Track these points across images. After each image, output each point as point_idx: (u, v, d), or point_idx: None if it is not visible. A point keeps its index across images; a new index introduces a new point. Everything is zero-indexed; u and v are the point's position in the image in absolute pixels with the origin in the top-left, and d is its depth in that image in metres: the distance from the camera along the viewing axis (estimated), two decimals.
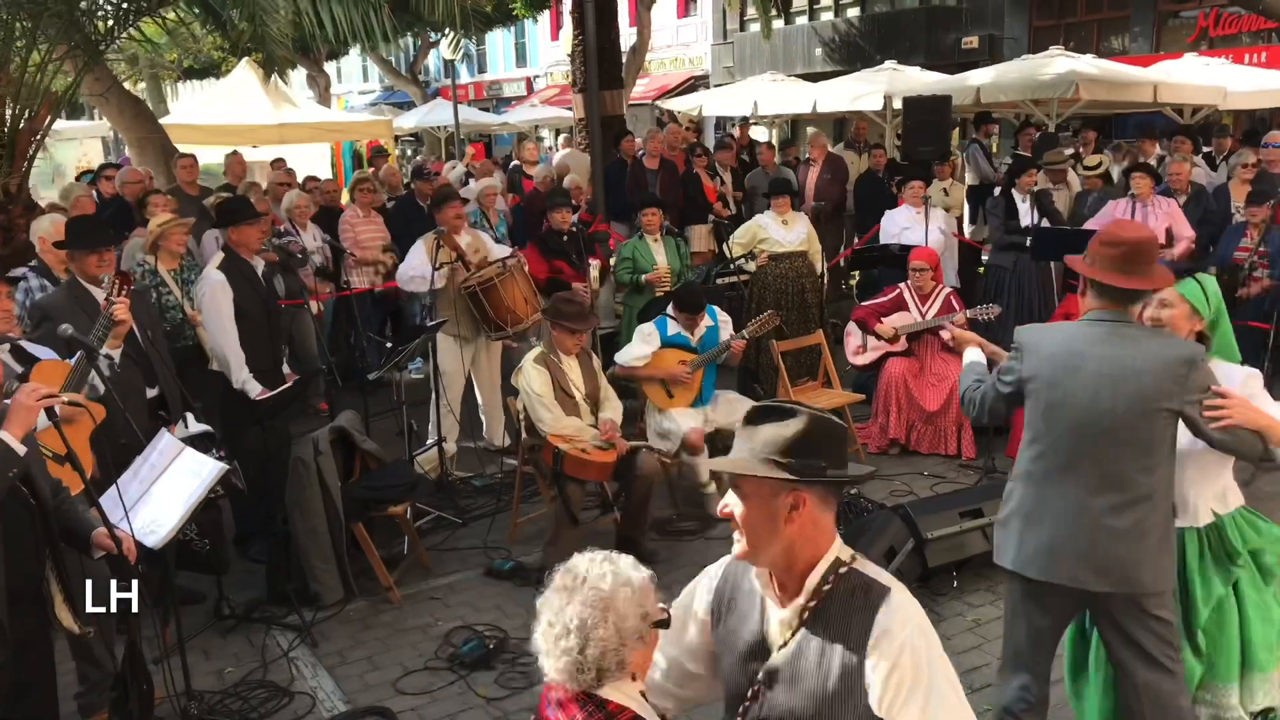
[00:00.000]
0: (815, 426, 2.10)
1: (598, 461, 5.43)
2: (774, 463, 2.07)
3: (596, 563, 2.08)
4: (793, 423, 2.09)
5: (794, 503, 2.08)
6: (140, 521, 3.64)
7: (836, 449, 2.13)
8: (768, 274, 7.89)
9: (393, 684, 4.54)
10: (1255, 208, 7.76)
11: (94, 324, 4.33)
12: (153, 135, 11.55)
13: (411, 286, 6.95)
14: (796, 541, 2.10)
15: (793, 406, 2.14)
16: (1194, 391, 2.99)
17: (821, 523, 2.12)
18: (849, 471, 2.19)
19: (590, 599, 2.01)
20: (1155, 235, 3.09)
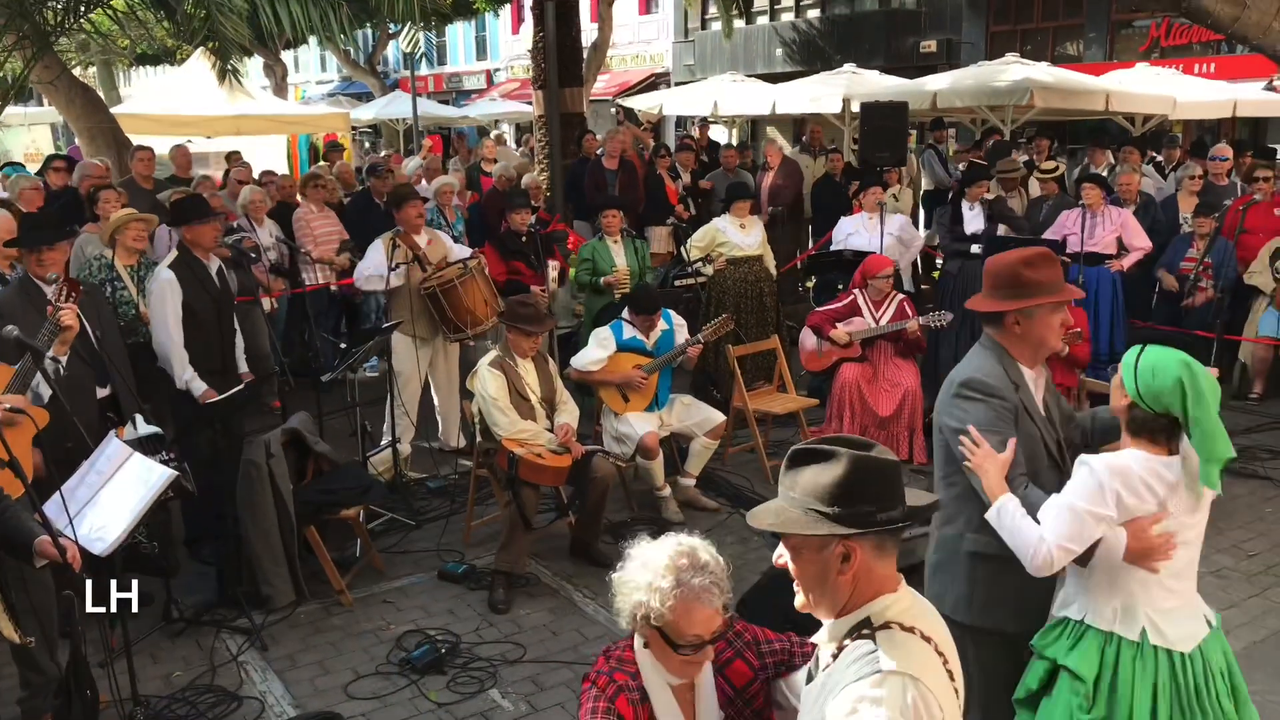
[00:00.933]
0: (858, 468, 1.94)
1: (553, 466, 5.44)
2: (817, 513, 1.94)
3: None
4: (833, 466, 1.95)
5: (845, 553, 1.94)
6: (86, 527, 3.59)
7: (886, 489, 1.96)
8: (726, 278, 7.92)
9: (344, 688, 4.52)
10: (1202, 219, 7.94)
11: (41, 322, 4.27)
12: (104, 125, 11.35)
13: (368, 286, 6.90)
14: (853, 592, 1.98)
15: (832, 449, 1.97)
16: (950, 410, 2.99)
17: (877, 571, 1.97)
18: (908, 505, 1.99)
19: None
20: (1018, 258, 3.03)
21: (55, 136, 22.41)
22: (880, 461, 1.96)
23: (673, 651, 2.18)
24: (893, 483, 1.97)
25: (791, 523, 1.96)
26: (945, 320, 7.01)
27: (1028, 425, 2.99)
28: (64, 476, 3.77)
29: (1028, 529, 2.75)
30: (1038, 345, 3.04)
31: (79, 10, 8.53)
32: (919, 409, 7.03)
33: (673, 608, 2.15)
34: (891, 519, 1.94)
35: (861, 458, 1.95)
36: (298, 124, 14.98)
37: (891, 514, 1.94)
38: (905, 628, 1.96)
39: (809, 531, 1.94)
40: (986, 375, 2.98)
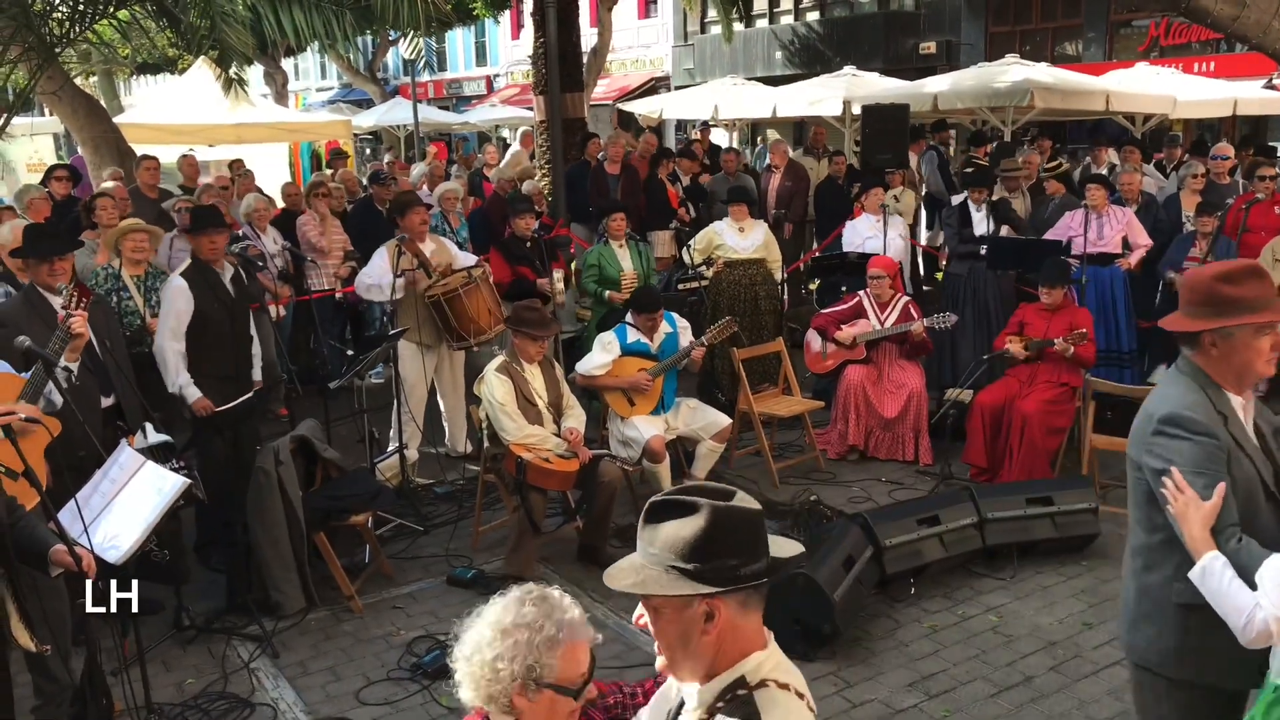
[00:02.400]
0: (719, 521, 1.80)
1: (560, 470, 5.46)
2: (678, 571, 1.80)
3: (537, 599, 2.04)
4: (693, 520, 1.80)
5: (708, 612, 1.81)
6: (100, 536, 3.61)
7: (748, 541, 1.83)
8: (723, 281, 7.94)
9: (355, 694, 4.53)
10: (1205, 218, 7.94)
11: (50, 333, 4.28)
12: (107, 134, 11.37)
13: (369, 295, 6.90)
14: (718, 652, 1.85)
15: (693, 500, 1.82)
16: (1150, 448, 2.72)
17: (743, 629, 1.84)
18: (772, 556, 1.86)
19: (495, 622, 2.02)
20: (1215, 271, 2.67)
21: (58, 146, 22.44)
22: (742, 511, 1.82)
23: (569, 701, 2.04)
24: (756, 534, 1.84)
25: (650, 582, 1.82)
26: (950, 322, 7.03)
27: (1242, 464, 2.62)
28: (77, 485, 3.78)
29: (1238, 595, 2.42)
30: (1241, 371, 2.66)
31: (84, 21, 8.55)
32: (924, 410, 7.05)
33: (562, 654, 2.01)
34: (756, 573, 1.81)
35: (722, 509, 1.80)
36: (299, 131, 15.01)
37: (755, 567, 1.81)
38: (780, 684, 1.85)
39: (669, 592, 1.80)
40: (1189, 409, 2.64)
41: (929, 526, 5.30)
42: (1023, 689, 4.42)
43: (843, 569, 4.79)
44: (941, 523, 5.34)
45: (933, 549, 5.30)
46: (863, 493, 6.61)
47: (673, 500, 1.84)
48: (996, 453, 6.54)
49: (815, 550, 4.88)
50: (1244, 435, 2.65)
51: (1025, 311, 6.80)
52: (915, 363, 7.18)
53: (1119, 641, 2.93)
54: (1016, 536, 5.52)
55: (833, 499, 6.39)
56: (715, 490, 1.86)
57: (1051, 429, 6.41)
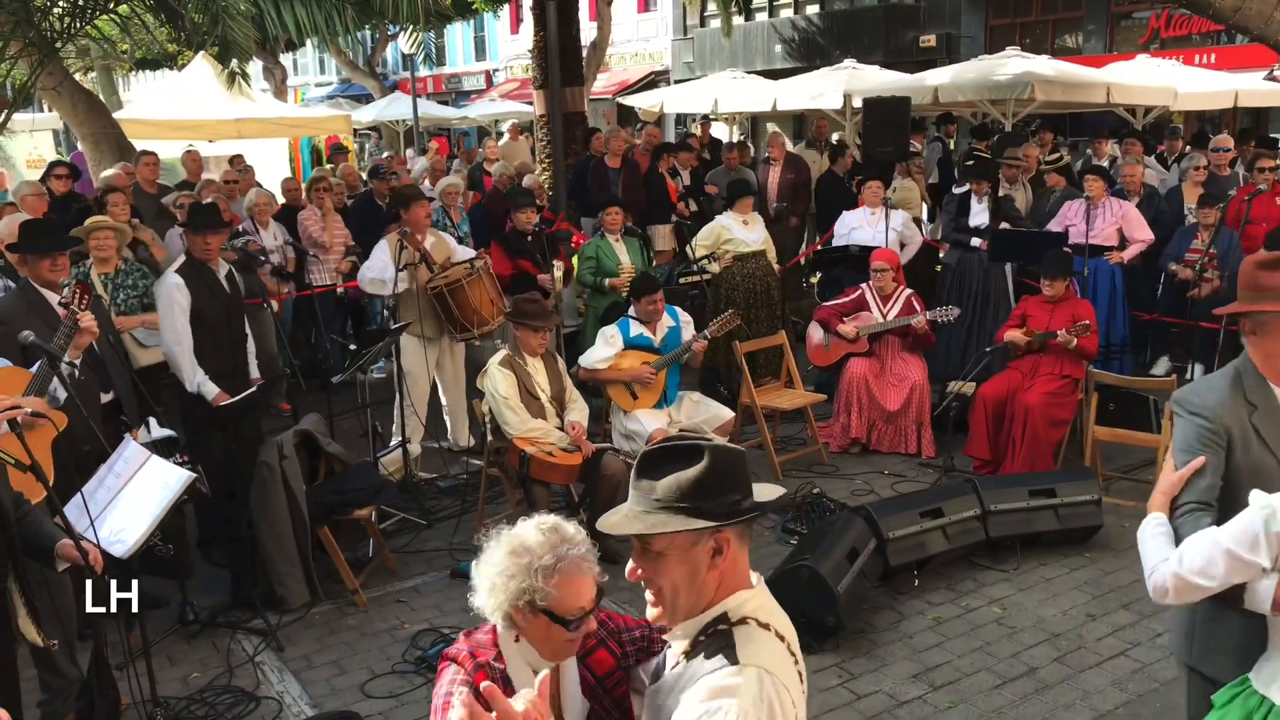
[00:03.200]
0: (719, 459, 1.91)
1: (563, 464, 5.47)
2: (687, 510, 1.88)
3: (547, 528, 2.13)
4: (698, 462, 1.90)
5: (717, 547, 1.90)
6: (106, 530, 3.62)
7: (743, 477, 1.95)
8: (735, 274, 7.94)
9: (360, 687, 4.54)
10: (1206, 210, 7.95)
11: (47, 328, 4.28)
12: (107, 130, 11.36)
13: (371, 289, 6.92)
14: (719, 587, 1.94)
15: (693, 442, 1.93)
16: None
17: (741, 563, 1.95)
18: (757, 495, 1.98)
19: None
20: (1255, 259, 2.65)
21: (57, 143, 22.42)
22: (736, 451, 1.95)
23: (563, 631, 2.09)
24: (746, 472, 1.96)
25: (663, 524, 1.89)
26: (953, 315, 7.03)
27: (1252, 452, 2.58)
28: (83, 480, 3.79)
29: (1154, 550, 2.51)
30: (1274, 359, 2.62)
31: (84, 16, 8.54)
32: (926, 403, 7.05)
33: (558, 584, 2.07)
34: (753, 506, 1.93)
35: (721, 449, 1.92)
36: (299, 126, 15.00)
37: (752, 500, 1.94)
38: (761, 624, 1.93)
39: (685, 528, 1.87)
40: (1200, 392, 2.67)
41: (932, 519, 5.31)
42: (1026, 680, 4.43)
43: (846, 561, 4.80)
44: (945, 515, 5.34)
45: (936, 541, 5.30)
46: (865, 485, 6.62)
47: (671, 447, 1.93)
48: (999, 445, 6.54)
49: (819, 543, 4.89)
50: (1271, 426, 2.60)
51: (1027, 304, 6.80)
52: (917, 355, 7.18)
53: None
54: (1020, 528, 5.52)
55: (835, 492, 6.39)
56: (701, 437, 1.97)
57: (1054, 421, 6.41)
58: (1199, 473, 2.57)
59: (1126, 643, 4.70)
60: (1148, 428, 6.13)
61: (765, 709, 1.85)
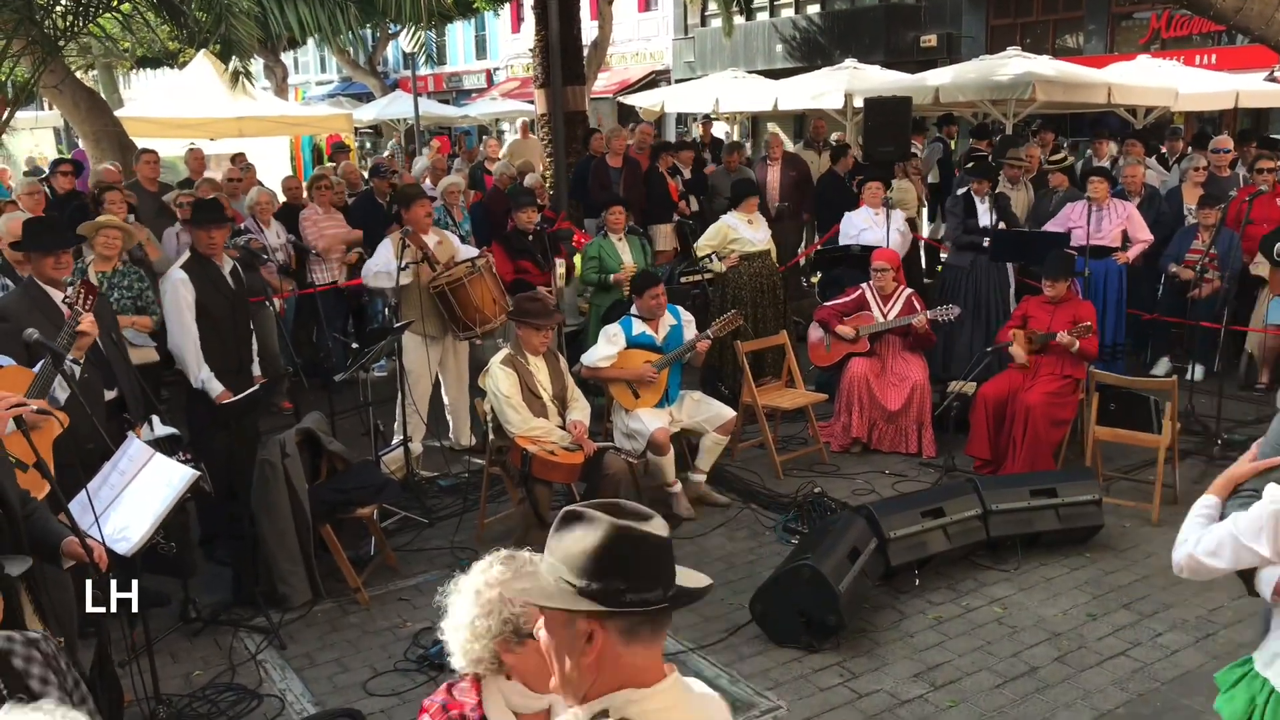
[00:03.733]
0: (616, 539, 1.67)
1: (565, 463, 5.47)
2: (566, 583, 1.69)
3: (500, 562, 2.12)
4: (590, 534, 1.68)
5: (588, 633, 1.69)
6: (110, 528, 3.63)
7: (645, 567, 1.69)
8: (741, 274, 7.95)
9: (362, 685, 4.54)
10: (1206, 210, 7.96)
11: (52, 326, 4.29)
12: (108, 128, 11.38)
13: (376, 283, 6.93)
14: (596, 678, 1.72)
15: (596, 514, 1.70)
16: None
17: (626, 660, 1.69)
18: (679, 587, 1.72)
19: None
20: None
21: (58, 140, 22.45)
22: (644, 535, 1.69)
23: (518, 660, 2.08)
24: (656, 561, 1.70)
25: (537, 592, 1.73)
26: (953, 314, 7.04)
27: None
28: (86, 477, 3.80)
29: (1188, 529, 2.59)
30: None
31: (86, 14, 8.55)
32: (927, 403, 7.06)
33: (512, 617, 2.07)
34: (645, 600, 1.67)
35: (621, 527, 1.68)
36: (300, 125, 14.99)
37: (646, 595, 1.67)
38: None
39: (551, 604, 1.70)
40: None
41: (933, 518, 5.32)
42: (1027, 679, 4.44)
43: (847, 561, 4.81)
44: (946, 515, 5.35)
45: (937, 541, 5.31)
46: (866, 485, 6.63)
47: (581, 511, 1.72)
48: (1000, 445, 6.55)
49: (820, 542, 4.90)
50: None
51: (1028, 304, 6.81)
52: (918, 355, 7.18)
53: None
54: (1020, 528, 5.53)
55: (836, 491, 6.40)
56: (629, 510, 1.73)
57: (1055, 421, 6.42)
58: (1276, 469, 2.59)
59: (1127, 642, 4.71)
60: (1148, 428, 6.13)
61: None
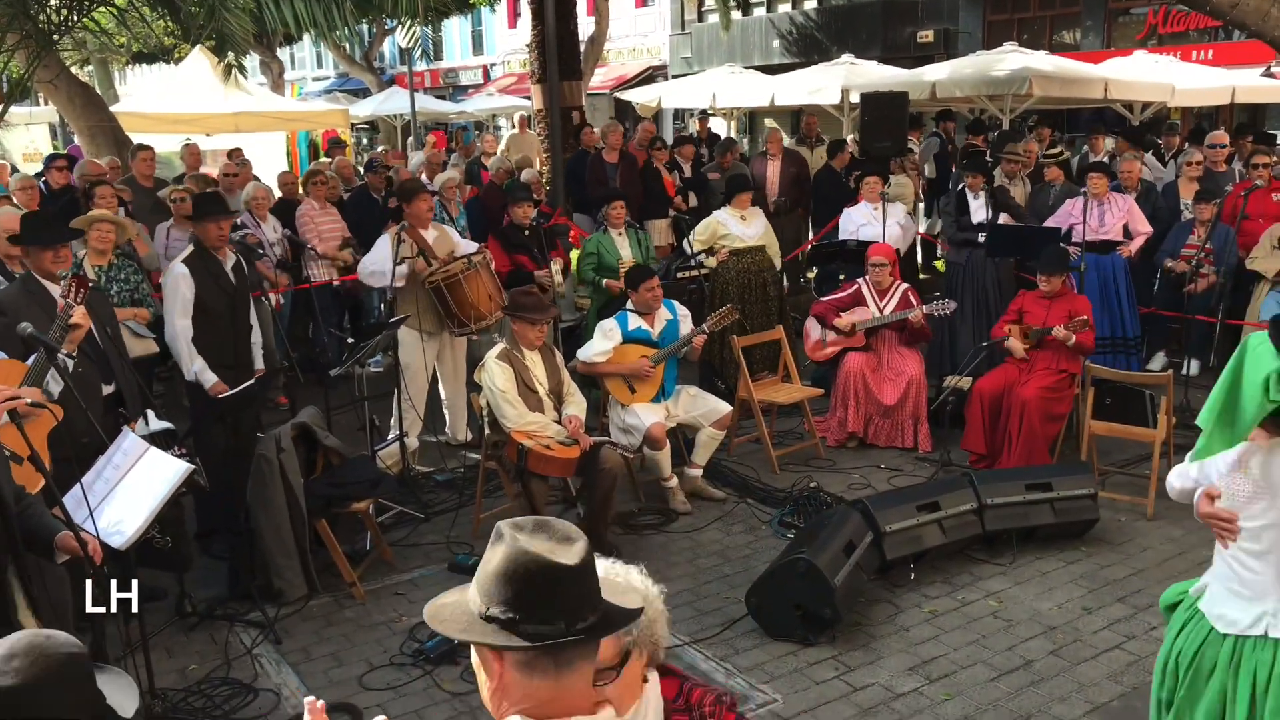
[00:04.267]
0: (514, 564, 1.55)
1: (561, 457, 5.47)
2: (475, 606, 1.59)
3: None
4: (495, 555, 1.58)
5: (490, 660, 1.60)
6: (105, 522, 3.62)
7: (543, 597, 1.55)
8: (730, 269, 7.94)
9: (358, 680, 4.55)
10: (1202, 205, 7.96)
11: (49, 320, 4.28)
12: (104, 123, 11.36)
13: (372, 281, 6.92)
14: (499, 708, 1.61)
15: (509, 533, 1.59)
16: None
17: (534, 693, 1.57)
18: (591, 621, 1.58)
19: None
20: None
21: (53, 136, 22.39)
22: (547, 564, 1.55)
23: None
24: (557, 591, 1.56)
25: (438, 611, 1.63)
26: (949, 309, 7.04)
27: None
28: (81, 472, 3.79)
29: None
30: None
31: (81, 9, 8.52)
32: (923, 397, 7.06)
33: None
34: (540, 634, 1.53)
35: (520, 553, 1.56)
36: (297, 120, 14.99)
37: (541, 629, 1.53)
38: None
39: (442, 628, 1.60)
40: None
41: (929, 513, 5.32)
42: (1022, 673, 4.44)
43: (843, 555, 4.81)
44: (941, 509, 5.35)
45: (932, 535, 5.32)
46: (862, 479, 6.63)
47: (502, 528, 1.61)
48: (996, 439, 6.55)
49: (815, 536, 4.90)
50: None
51: (1024, 299, 6.82)
52: (914, 350, 7.19)
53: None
54: (1016, 522, 5.53)
55: (832, 486, 6.41)
56: (549, 531, 1.61)
57: (1050, 415, 6.42)
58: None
59: (1122, 636, 4.72)
60: (1144, 422, 6.14)
61: None
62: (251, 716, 4.30)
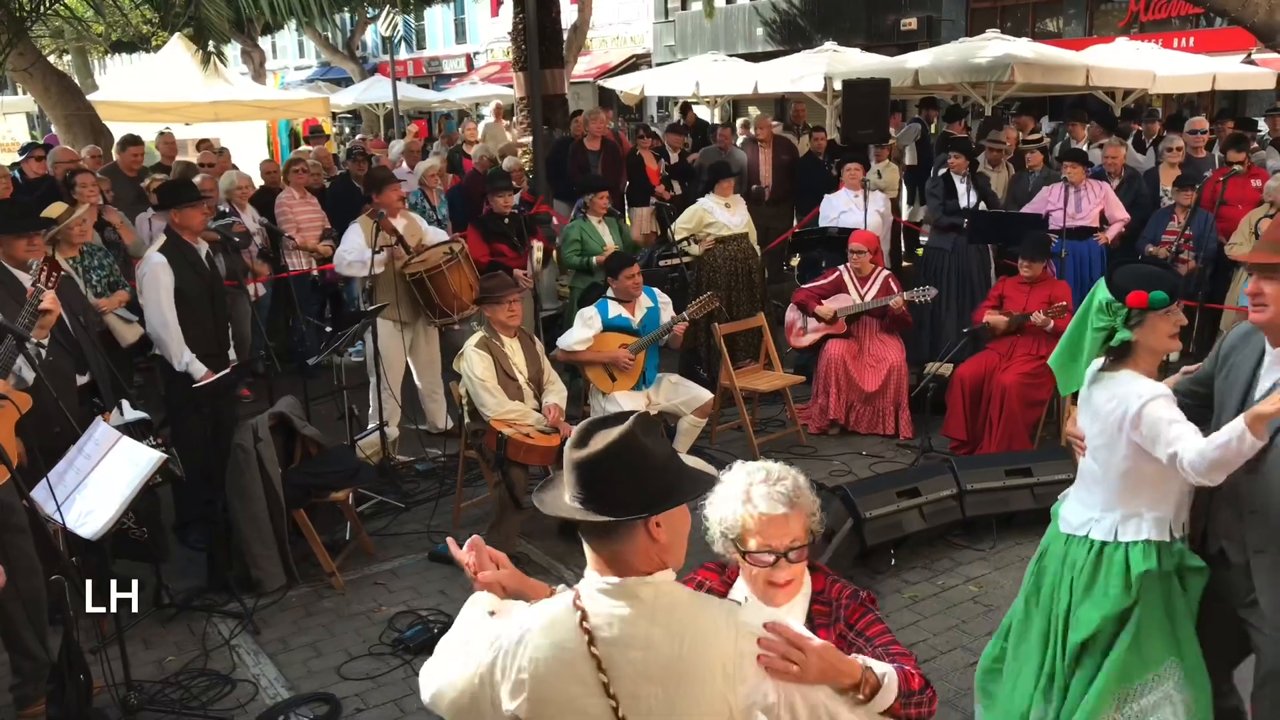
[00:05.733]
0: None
1: (541, 445, 5.45)
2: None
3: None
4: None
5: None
6: (76, 511, 3.59)
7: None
8: (716, 257, 7.93)
9: (336, 670, 4.52)
10: (1182, 191, 7.98)
11: (18, 308, 4.23)
12: (81, 112, 11.25)
13: (350, 271, 6.87)
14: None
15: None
16: None
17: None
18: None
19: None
20: None
21: (31, 126, 22.20)
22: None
23: (747, 564, 2.29)
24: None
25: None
26: (930, 295, 7.04)
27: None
28: (52, 463, 3.75)
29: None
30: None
31: None
32: (904, 384, 7.07)
33: (742, 519, 2.26)
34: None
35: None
36: (277, 109, 14.88)
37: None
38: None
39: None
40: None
41: (909, 499, 5.33)
42: None
43: (823, 541, 4.81)
44: (921, 495, 5.36)
45: (913, 521, 5.32)
46: (843, 466, 6.63)
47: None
48: (976, 425, 6.57)
49: None
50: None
51: (1004, 285, 6.82)
52: (895, 337, 7.19)
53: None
54: (996, 508, 5.55)
55: (814, 472, 6.39)
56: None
57: (1030, 401, 6.44)
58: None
59: None
60: None
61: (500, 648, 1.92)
62: (229, 707, 4.26)
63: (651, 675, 1.84)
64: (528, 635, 1.90)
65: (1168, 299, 2.95)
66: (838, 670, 1.93)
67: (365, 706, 4.26)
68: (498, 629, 1.98)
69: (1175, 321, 3.02)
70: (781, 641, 1.86)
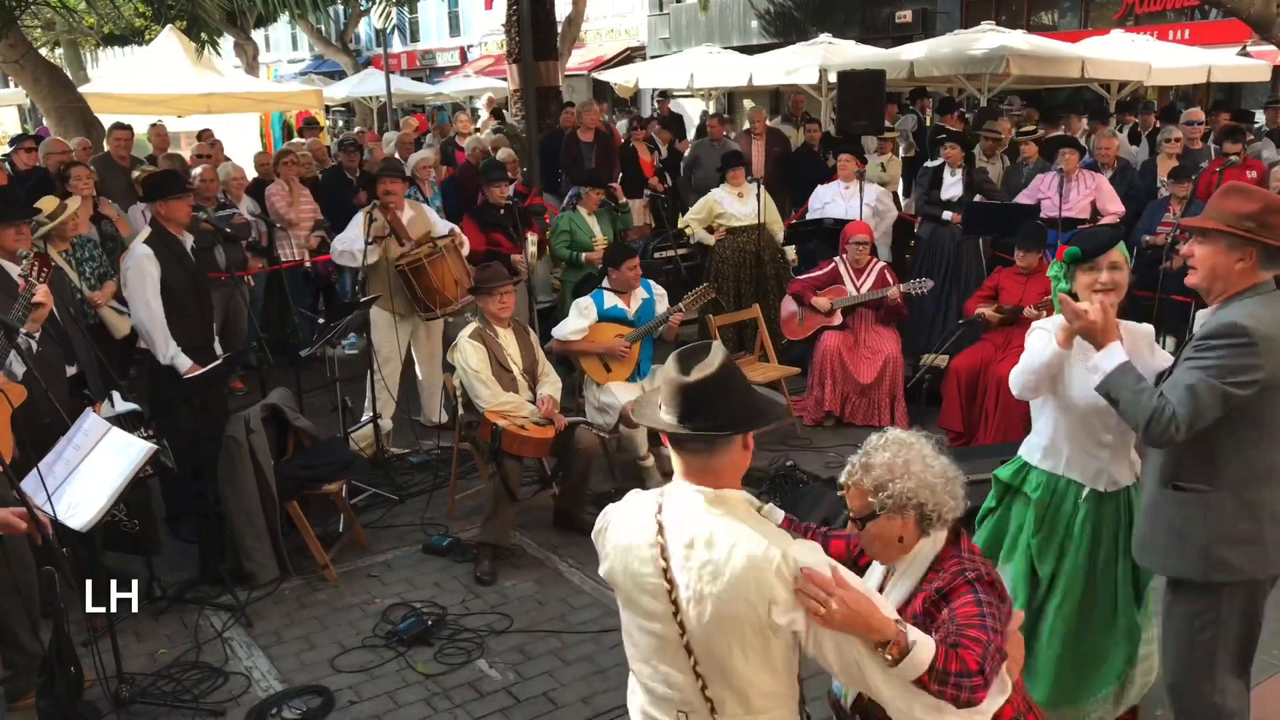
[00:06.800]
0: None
1: (536, 437, 5.43)
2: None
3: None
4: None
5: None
6: (65, 503, 3.55)
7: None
8: (726, 247, 7.90)
9: (330, 662, 4.50)
10: (1178, 183, 7.96)
11: (8, 299, 4.20)
12: (72, 104, 11.19)
13: (342, 260, 6.85)
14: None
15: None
16: None
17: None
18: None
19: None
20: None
21: (23, 119, 22.11)
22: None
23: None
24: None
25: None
26: (926, 287, 7.02)
27: None
28: (41, 454, 3.72)
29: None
30: None
31: None
32: (900, 376, 7.05)
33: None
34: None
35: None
36: (270, 101, 14.81)
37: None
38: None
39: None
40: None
41: None
42: None
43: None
44: None
45: None
46: (839, 458, 6.57)
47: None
48: (972, 417, 6.55)
49: (792, 513, 4.87)
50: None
51: (1000, 275, 6.80)
52: (891, 328, 7.17)
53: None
54: None
55: (809, 464, 6.39)
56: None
57: None
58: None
59: None
60: None
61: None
62: (222, 700, 4.23)
63: (702, 569, 2.15)
64: (615, 518, 2.36)
65: (1079, 254, 3.34)
66: (866, 623, 2.10)
67: (359, 699, 4.24)
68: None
69: (1094, 278, 3.35)
70: (811, 583, 2.09)
